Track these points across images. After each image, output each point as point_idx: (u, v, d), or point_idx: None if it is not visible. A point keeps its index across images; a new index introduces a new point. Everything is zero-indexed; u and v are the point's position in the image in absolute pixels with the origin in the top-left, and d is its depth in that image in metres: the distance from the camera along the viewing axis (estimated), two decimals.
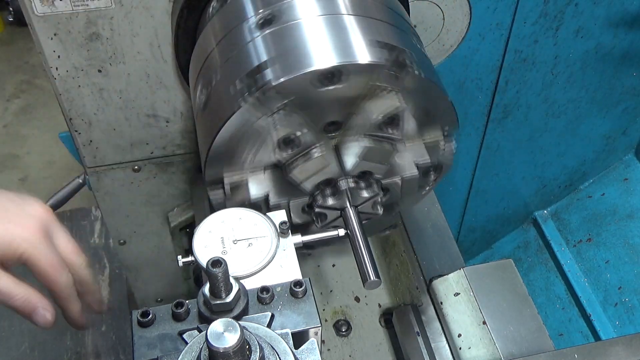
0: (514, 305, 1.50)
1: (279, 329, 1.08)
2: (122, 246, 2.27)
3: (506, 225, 3.14)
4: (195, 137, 1.92)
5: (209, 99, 1.37)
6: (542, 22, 2.11)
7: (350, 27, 1.29)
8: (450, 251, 1.77)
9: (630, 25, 2.23)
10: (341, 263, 1.99)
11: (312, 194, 1.41)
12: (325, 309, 1.89)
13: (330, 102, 1.28)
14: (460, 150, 2.53)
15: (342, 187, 1.37)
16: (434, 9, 1.88)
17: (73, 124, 1.80)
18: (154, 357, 1.06)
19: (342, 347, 1.82)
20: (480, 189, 2.79)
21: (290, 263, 1.25)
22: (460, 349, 1.51)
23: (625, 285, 2.69)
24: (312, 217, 1.45)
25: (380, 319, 1.87)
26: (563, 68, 2.32)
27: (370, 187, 1.41)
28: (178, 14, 1.55)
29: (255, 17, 1.35)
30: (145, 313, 1.10)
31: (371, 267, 1.32)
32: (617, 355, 1.30)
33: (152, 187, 2.06)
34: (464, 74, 2.19)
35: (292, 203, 1.41)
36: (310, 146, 1.30)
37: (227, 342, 0.85)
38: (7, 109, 5.06)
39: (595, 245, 2.85)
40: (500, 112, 2.41)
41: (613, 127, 2.73)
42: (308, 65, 1.20)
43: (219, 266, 1.02)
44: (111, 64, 1.68)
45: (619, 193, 2.90)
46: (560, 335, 2.82)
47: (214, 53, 1.40)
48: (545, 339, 1.46)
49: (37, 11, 1.53)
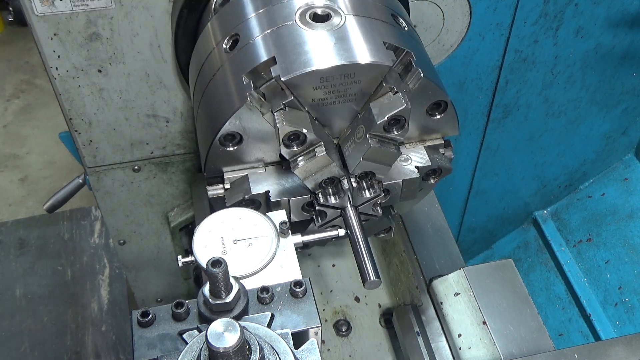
0: (514, 305, 1.50)
1: (279, 329, 1.08)
2: (122, 246, 2.27)
3: (506, 225, 3.14)
4: (195, 137, 1.92)
5: (211, 95, 1.37)
6: (542, 22, 2.11)
7: (357, 28, 1.30)
8: (450, 251, 1.77)
9: (630, 25, 2.23)
10: (341, 263, 1.99)
11: (314, 192, 1.41)
12: (325, 309, 1.89)
13: (334, 102, 1.29)
14: (460, 150, 2.53)
15: (345, 187, 1.37)
16: (434, 9, 1.88)
17: (73, 124, 1.80)
18: (154, 357, 1.06)
19: (342, 347, 1.82)
20: (480, 189, 2.79)
21: (290, 263, 1.25)
22: (460, 349, 1.51)
23: (625, 285, 2.69)
24: (312, 215, 1.46)
25: (380, 319, 1.87)
26: (563, 68, 2.32)
27: (372, 188, 1.41)
28: (178, 14, 1.55)
29: (256, 17, 1.35)
30: (145, 313, 1.10)
31: (371, 267, 1.32)
32: (617, 355, 1.30)
33: (152, 187, 2.06)
34: (464, 74, 2.19)
35: (292, 201, 1.41)
36: (313, 144, 1.30)
37: (227, 342, 0.85)
38: (7, 109, 5.06)
39: (595, 245, 2.85)
40: (500, 112, 2.42)
41: (613, 127, 2.73)
42: (313, 64, 1.21)
43: (219, 266, 1.02)
44: (111, 64, 1.68)
45: (619, 193, 2.90)
46: (560, 335, 2.82)
47: (214, 52, 1.40)
48: (545, 339, 1.46)
49: (37, 11, 1.53)
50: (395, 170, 1.42)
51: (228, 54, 1.36)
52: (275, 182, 1.40)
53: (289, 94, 1.24)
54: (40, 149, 4.73)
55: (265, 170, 1.41)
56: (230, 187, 1.40)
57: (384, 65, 1.24)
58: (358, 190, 1.41)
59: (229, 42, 1.38)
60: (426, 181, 1.51)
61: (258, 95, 1.23)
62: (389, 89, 1.26)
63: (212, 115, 1.35)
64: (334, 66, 1.22)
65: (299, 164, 1.30)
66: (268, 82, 1.23)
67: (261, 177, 1.40)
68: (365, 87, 1.28)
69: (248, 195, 1.38)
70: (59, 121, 1.89)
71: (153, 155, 1.95)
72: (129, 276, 2.43)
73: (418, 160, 1.45)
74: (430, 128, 1.43)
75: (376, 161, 1.34)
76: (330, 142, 1.38)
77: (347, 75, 1.25)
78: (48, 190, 4.32)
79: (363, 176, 1.40)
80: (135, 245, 2.27)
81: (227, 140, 1.33)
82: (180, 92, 1.78)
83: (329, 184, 1.38)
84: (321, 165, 1.31)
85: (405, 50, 1.25)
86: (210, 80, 1.38)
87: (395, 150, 1.32)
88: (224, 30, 1.41)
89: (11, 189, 4.47)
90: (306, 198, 1.41)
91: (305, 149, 1.29)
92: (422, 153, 1.45)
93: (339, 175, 1.35)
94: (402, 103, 1.24)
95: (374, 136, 1.29)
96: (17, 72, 5.37)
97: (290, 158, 1.31)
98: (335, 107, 1.32)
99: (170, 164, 2.00)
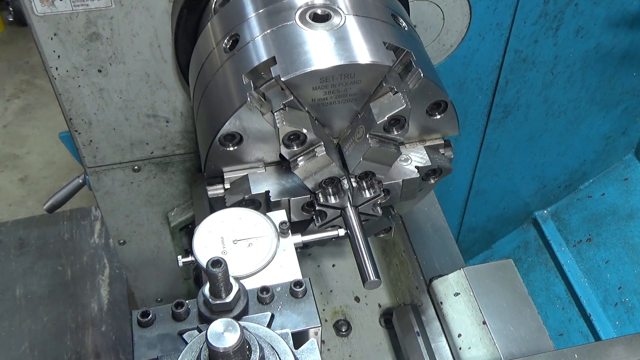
0: (514, 305, 1.50)
1: (279, 329, 1.08)
2: (122, 246, 2.27)
3: (506, 225, 3.14)
4: (195, 137, 1.92)
5: (211, 95, 1.37)
6: (542, 22, 2.11)
7: (357, 28, 1.30)
8: (450, 251, 1.77)
9: (630, 25, 2.23)
10: (341, 263, 1.99)
11: (314, 192, 1.41)
12: (325, 309, 1.89)
13: (334, 102, 1.29)
14: (460, 150, 2.53)
15: (345, 187, 1.37)
16: (434, 9, 1.88)
17: (73, 124, 1.80)
18: (154, 357, 1.06)
19: (342, 347, 1.82)
20: (480, 189, 2.79)
21: (290, 263, 1.25)
22: (460, 349, 1.51)
23: (625, 285, 2.69)
24: (312, 215, 1.46)
25: (380, 319, 1.87)
26: (563, 68, 2.32)
27: (372, 188, 1.41)
28: (178, 14, 1.55)
29: (257, 17, 1.35)
30: (145, 313, 1.10)
31: (371, 267, 1.32)
32: (617, 355, 1.30)
33: (152, 187, 2.06)
34: (464, 74, 2.19)
35: (292, 201, 1.41)
36: (313, 144, 1.30)
37: (227, 342, 0.85)
38: (7, 109, 5.06)
39: (595, 245, 2.85)
40: (500, 112, 2.42)
41: (613, 127, 2.73)
42: (313, 64, 1.21)
43: (219, 266, 1.02)
44: (111, 64, 1.68)
45: (619, 193, 2.90)
46: (560, 335, 2.82)
47: (214, 52, 1.40)
48: (545, 339, 1.46)
49: (37, 11, 1.53)
50: (395, 170, 1.42)
51: (228, 53, 1.36)
52: (275, 182, 1.40)
53: (289, 94, 1.24)
54: (40, 149, 4.73)
55: (265, 170, 1.41)
56: (230, 187, 1.40)
57: (384, 65, 1.24)
58: (358, 190, 1.41)
59: (229, 42, 1.38)
60: (426, 181, 1.51)
61: (258, 95, 1.23)
62: (389, 89, 1.26)
63: (212, 115, 1.35)
64: (334, 66, 1.22)
65: (299, 164, 1.30)
66: (268, 82, 1.23)
67: (261, 177, 1.41)
68: (365, 87, 1.28)
69: (248, 195, 1.38)
70: (59, 121, 1.89)
71: (153, 155, 1.95)
72: (129, 276, 2.43)
73: (418, 160, 1.45)
74: (430, 128, 1.43)
75: (376, 161, 1.34)
76: (330, 142, 1.38)
77: (347, 75, 1.25)
78: (48, 190, 4.32)
79: (363, 176, 1.40)
80: (135, 245, 2.27)
81: (227, 140, 1.33)
82: (180, 92, 1.78)
83: (329, 184, 1.38)
84: (321, 165, 1.31)
85: (405, 50, 1.25)
86: (210, 80, 1.38)
87: (395, 150, 1.32)
88: (224, 30, 1.41)
89: (11, 189, 4.47)
90: (306, 198, 1.41)
91: (305, 149, 1.29)
92: (422, 153, 1.45)
93: (339, 175, 1.35)
94: (402, 103, 1.24)
95: (374, 136, 1.29)
96: (17, 72, 5.37)
97: (290, 158, 1.31)
98: (335, 107, 1.32)
99: (170, 164, 2.00)
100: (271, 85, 1.23)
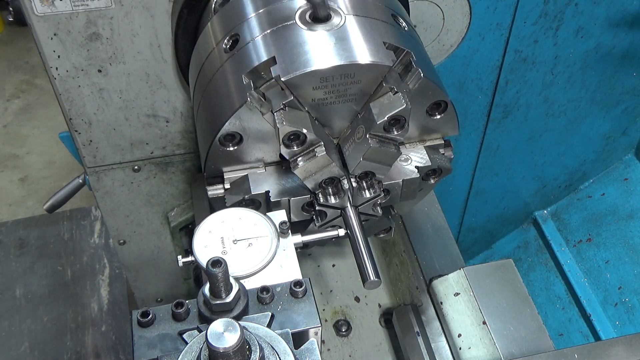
0: (514, 305, 1.50)
1: (279, 329, 1.08)
2: (122, 246, 2.27)
3: (506, 225, 3.14)
4: (195, 137, 1.92)
5: (211, 95, 1.37)
6: (542, 22, 2.11)
7: (357, 28, 1.30)
8: (450, 251, 1.77)
9: (630, 25, 2.23)
10: (341, 263, 1.99)
11: (314, 192, 1.41)
12: (325, 309, 1.89)
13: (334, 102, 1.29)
14: (460, 150, 2.53)
15: (345, 187, 1.37)
16: (434, 9, 1.88)
17: (73, 124, 1.80)
18: (154, 357, 1.06)
19: (342, 347, 1.82)
20: (480, 189, 2.79)
21: (290, 263, 1.25)
22: (460, 349, 1.51)
23: (625, 285, 2.69)
24: (312, 215, 1.46)
25: (380, 319, 1.87)
26: (563, 68, 2.32)
27: (372, 188, 1.41)
28: (178, 14, 1.55)
29: (257, 17, 1.35)
30: (145, 313, 1.10)
31: (371, 267, 1.32)
32: (617, 355, 1.30)
33: (152, 187, 2.06)
34: (464, 74, 2.19)
35: (292, 201, 1.41)
36: (313, 144, 1.31)
37: (227, 342, 0.85)
38: (7, 109, 5.06)
39: (595, 245, 2.85)
40: (500, 112, 2.42)
41: (613, 127, 2.73)
42: (313, 64, 1.21)
43: (219, 266, 1.02)
44: (111, 64, 1.68)
45: (619, 193, 2.90)
46: (560, 335, 2.82)
47: (214, 52, 1.40)
48: (545, 339, 1.46)
49: (37, 11, 1.53)
50: (395, 170, 1.42)
51: (228, 53, 1.36)
52: (275, 182, 1.40)
53: (289, 94, 1.24)
54: (40, 149, 4.73)
55: (265, 170, 1.41)
56: (230, 187, 1.40)
57: (384, 65, 1.24)
58: (358, 190, 1.41)
59: (229, 42, 1.38)
60: (426, 181, 1.51)
61: (258, 95, 1.23)
62: (389, 89, 1.26)
63: (212, 115, 1.35)
64: (334, 66, 1.22)
65: (299, 164, 1.30)
66: (268, 82, 1.23)
67: (261, 177, 1.41)
68: (365, 87, 1.28)
69: (248, 195, 1.38)
70: (59, 121, 1.89)
71: (153, 155, 1.95)
72: (129, 276, 2.43)
73: (418, 160, 1.45)
74: (430, 128, 1.43)
75: (376, 161, 1.34)
76: (330, 142, 1.38)
77: (347, 75, 1.25)
78: (48, 190, 4.33)
79: (363, 176, 1.40)
80: (135, 245, 2.27)
81: (227, 140, 1.33)
82: (180, 92, 1.78)
83: (329, 184, 1.38)
84: (321, 165, 1.31)
85: (405, 50, 1.25)
86: (210, 80, 1.38)
87: (395, 150, 1.32)
88: (224, 30, 1.41)
89: (11, 189, 4.47)
90: (306, 198, 1.41)
91: (305, 149, 1.29)
92: (422, 153, 1.45)
93: (339, 175, 1.35)
94: (402, 103, 1.24)
95: (374, 136, 1.29)
96: (17, 72, 5.37)
97: (290, 158, 1.31)
98: (335, 107, 1.32)
99: (170, 164, 2.00)
100: (271, 85, 1.23)
